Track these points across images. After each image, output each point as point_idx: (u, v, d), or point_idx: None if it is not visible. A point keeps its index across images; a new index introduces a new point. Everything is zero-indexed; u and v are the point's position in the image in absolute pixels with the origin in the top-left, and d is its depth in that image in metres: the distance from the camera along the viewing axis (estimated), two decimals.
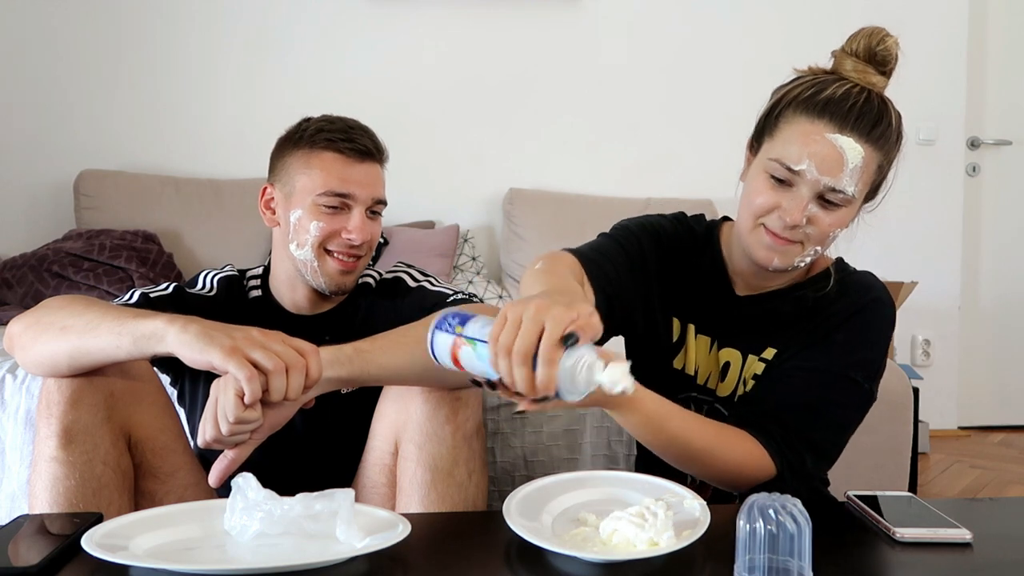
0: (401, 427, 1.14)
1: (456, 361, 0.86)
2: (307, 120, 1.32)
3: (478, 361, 0.83)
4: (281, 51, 3.25)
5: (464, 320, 0.86)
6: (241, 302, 1.35)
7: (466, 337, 0.84)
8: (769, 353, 1.19)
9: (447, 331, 0.86)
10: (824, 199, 1.06)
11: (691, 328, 1.24)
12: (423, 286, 1.34)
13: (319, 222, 1.26)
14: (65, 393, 1.09)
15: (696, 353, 1.24)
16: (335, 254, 1.29)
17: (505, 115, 3.35)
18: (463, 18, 3.32)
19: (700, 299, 1.24)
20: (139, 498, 1.16)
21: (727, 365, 1.21)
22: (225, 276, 1.36)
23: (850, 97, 1.05)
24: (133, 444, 1.15)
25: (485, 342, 0.81)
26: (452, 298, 1.28)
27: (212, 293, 1.34)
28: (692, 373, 1.24)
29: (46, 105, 3.15)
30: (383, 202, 1.32)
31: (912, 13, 3.44)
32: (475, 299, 1.30)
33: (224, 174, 3.11)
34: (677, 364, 1.25)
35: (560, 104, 3.37)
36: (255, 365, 0.95)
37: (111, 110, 3.18)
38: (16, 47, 3.13)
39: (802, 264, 1.13)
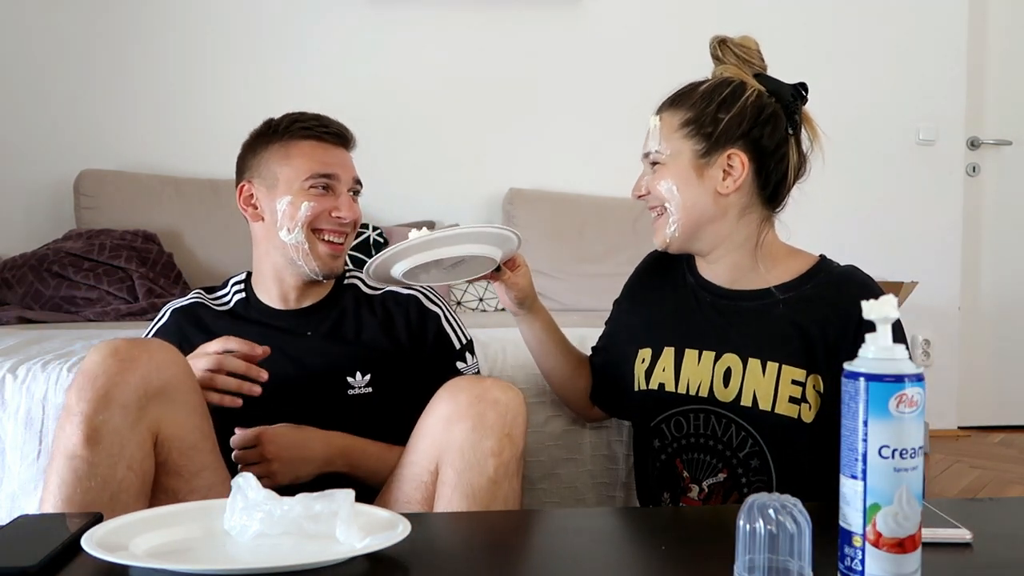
0: (443, 449, 1.13)
1: None
2: (272, 119, 1.38)
3: None
4: (281, 51, 3.25)
5: None
6: (209, 316, 1.40)
7: None
8: (793, 372, 1.19)
9: None
10: (653, 167, 1.31)
11: (669, 351, 1.28)
12: (438, 316, 1.40)
13: (309, 202, 1.31)
14: (98, 387, 1.06)
15: (686, 368, 1.26)
16: (325, 235, 1.32)
17: (505, 115, 3.34)
18: (463, 19, 3.32)
19: (680, 314, 1.30)
20: (160, 495, 1.13)
21: (728, 371, 1.23)
22: (180, 307, 1.41)
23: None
24: (160, 441, 1.12)
25: None
26: (460, 365, 1.38)
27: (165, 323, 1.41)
28: (673, 389, 1.26)
29: (46, 105, 3.15)
30: (361, 183, 1.38)
31: (912, 13, 3.42)
32: (475, 368, 1.41)
33: (224, 174, 3.08)
34: (653, 384, 1.29)
35: (560, 104, 3.37)
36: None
37: (111, 110, 3.18)
38: (16, 47, 3.13)
39: (676, 233, 1.26)
